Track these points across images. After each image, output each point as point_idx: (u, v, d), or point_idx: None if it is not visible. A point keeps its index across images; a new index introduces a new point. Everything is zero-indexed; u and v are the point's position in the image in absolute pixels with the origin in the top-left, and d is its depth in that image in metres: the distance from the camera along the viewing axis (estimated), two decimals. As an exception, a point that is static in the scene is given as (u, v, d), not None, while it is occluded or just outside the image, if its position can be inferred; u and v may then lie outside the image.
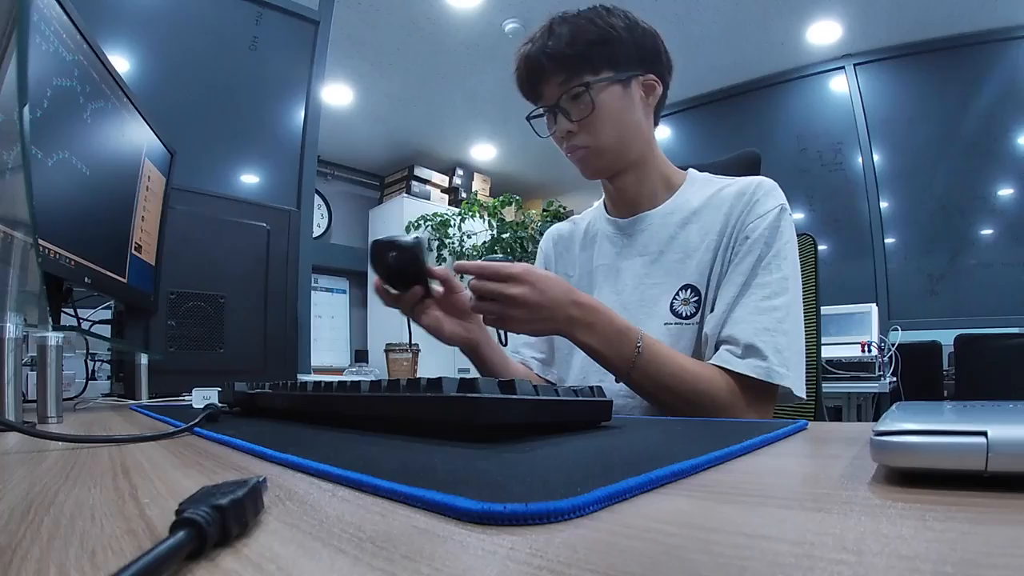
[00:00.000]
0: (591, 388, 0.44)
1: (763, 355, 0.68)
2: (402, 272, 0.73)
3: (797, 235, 0.78)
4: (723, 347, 0.71)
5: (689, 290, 0.77)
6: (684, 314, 0.77)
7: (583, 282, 0.89)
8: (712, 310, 0.75)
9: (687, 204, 0.81)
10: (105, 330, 1.15)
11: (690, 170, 0.88)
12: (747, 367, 0.68)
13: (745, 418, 0.67)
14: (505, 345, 0.85)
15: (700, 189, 0.82)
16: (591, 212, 0.96)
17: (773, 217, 0.74)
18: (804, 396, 0.70)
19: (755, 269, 0.72)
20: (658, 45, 0.80)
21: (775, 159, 3.33)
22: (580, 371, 0.85)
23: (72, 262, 0.75)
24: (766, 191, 0.76)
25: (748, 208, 0.75)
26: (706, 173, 0.87)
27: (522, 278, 0.64)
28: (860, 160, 3.14)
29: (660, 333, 0.76)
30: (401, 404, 0.38)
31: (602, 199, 0.93)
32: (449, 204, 4.58)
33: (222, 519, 0.16)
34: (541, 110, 0.81)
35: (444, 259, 4.28)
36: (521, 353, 0.97)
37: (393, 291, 0.76)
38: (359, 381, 0.46)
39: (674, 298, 0.78)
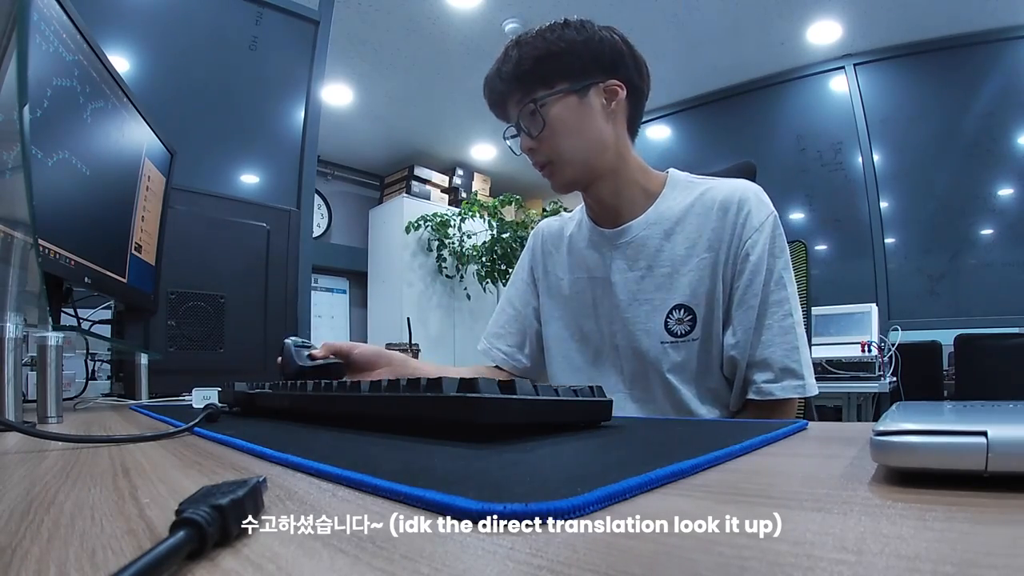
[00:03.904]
0: (591, 388, 0.44)
1: (798, 375, 0.73)
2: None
3: (789, 243, 0.80)
4: (756, 374, 0.75)
5: (682, 310, 0.77)
6: (679, 332, 0.77)
7: (577, 288, 0.87)
8: (721, 328, 0.76)
9: (669, 212, 0.80)
10: (105, 330, 1.14)
11: (671, 171, 0.85)
12: (787, 390, 0.73)
13: None
14: None
15: (681, 194, 0.81)
16: (579, 212, 0.93)
17: (769, 228, 0.75)
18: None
19: (767, 288, 0.74)
20: (619, 49, 0.78)
21: (775, 159, 3.33)
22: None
23: (72, 262, 0.75)
24: (755, 201, 0.76)
25: (742, 223, 0.75)
26: (687, 173, 0.85)
27: None
28: (860, 160, 3.14)
29: (659, 352, 0.78)
30: (401, 404, 0.38)
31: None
32: (449, 204, 4.57)
33: (222, 519, 0.16)
34: (513, 130, 0.81)
35: (444, 259, 4.28)
36: (492, 344, 0.96)
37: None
38: (359, 381, 0.46)
39: (667, 317, 0.78)
